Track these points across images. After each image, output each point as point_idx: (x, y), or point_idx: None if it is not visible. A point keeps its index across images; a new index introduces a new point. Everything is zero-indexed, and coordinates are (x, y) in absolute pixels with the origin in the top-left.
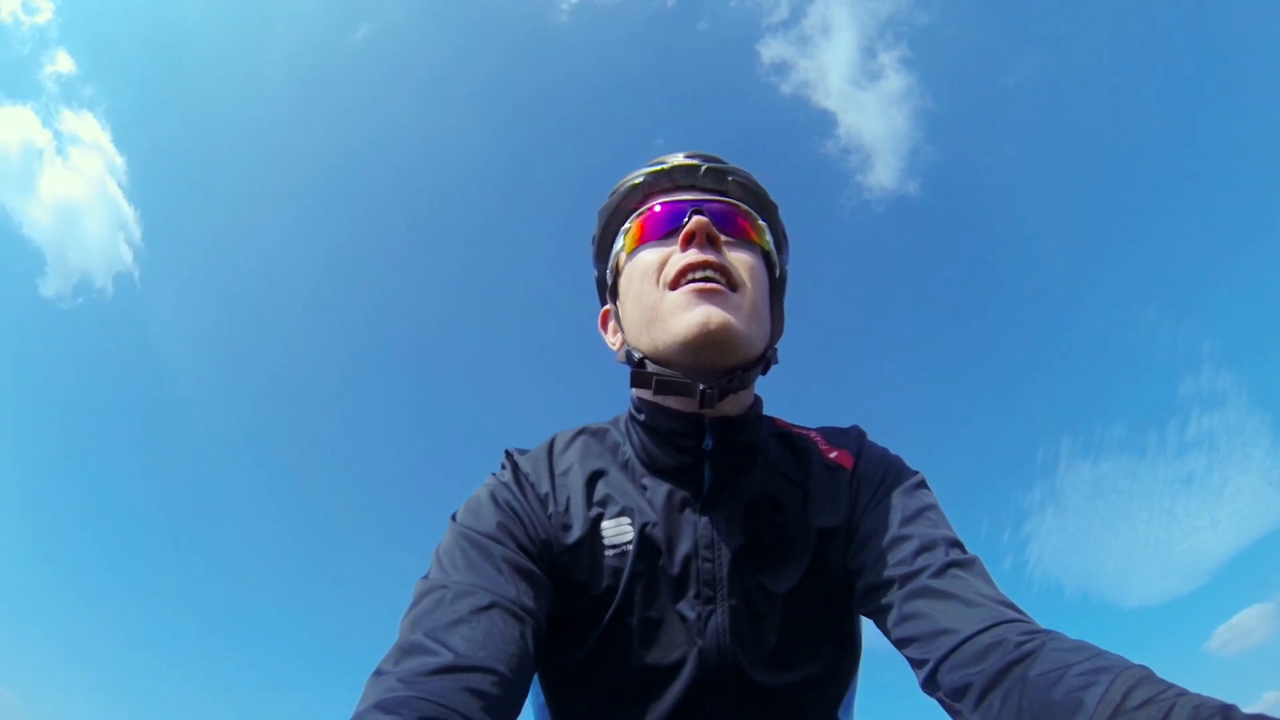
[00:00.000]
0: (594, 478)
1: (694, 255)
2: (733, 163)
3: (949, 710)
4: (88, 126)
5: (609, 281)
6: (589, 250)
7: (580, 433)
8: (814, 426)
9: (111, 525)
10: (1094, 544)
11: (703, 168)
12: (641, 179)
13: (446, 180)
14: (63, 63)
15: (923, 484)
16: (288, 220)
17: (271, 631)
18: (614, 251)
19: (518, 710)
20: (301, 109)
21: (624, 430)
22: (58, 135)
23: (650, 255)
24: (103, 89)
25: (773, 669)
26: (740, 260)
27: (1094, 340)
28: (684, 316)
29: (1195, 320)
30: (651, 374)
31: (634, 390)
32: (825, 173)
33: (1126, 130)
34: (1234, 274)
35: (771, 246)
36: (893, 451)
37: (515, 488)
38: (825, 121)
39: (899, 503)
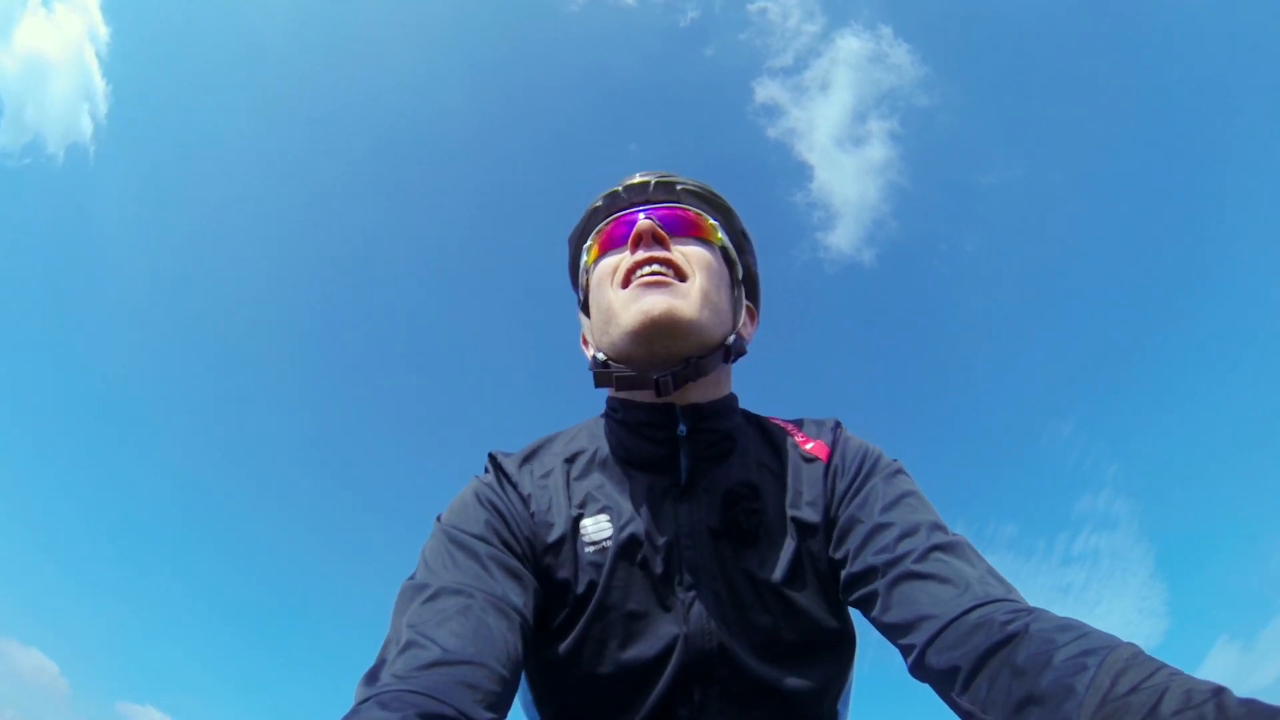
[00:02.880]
0: (575, 478)
1: (640, 254)
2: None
3: (939, 693)
4: None
5: (581, 299)
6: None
7: (561, 435)
8: (790, 419)
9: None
10: None
11: (652, 183)
12: (600, 203)
13: (428, 137)
14: None
15: (901, 471)
16: (262, 149)
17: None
18: (581, 266)
19: (509, 704)
20: (302, 34)
21: (602, 429)
22: None
23: (606, 263)
24: None
25: (762, 658)
26: (689, 253)
27: (1008, 439)
28: (631, 308)
29: (1106, 445)
30: (611, 372)
31: (599, 388)
32: (787, 221)
33: (1090, 254)
34: (1154, 415)
35: (727, 242)
36: (871, 442)
37: (499, 488)
38: (801, 173)
39: (878, 491)
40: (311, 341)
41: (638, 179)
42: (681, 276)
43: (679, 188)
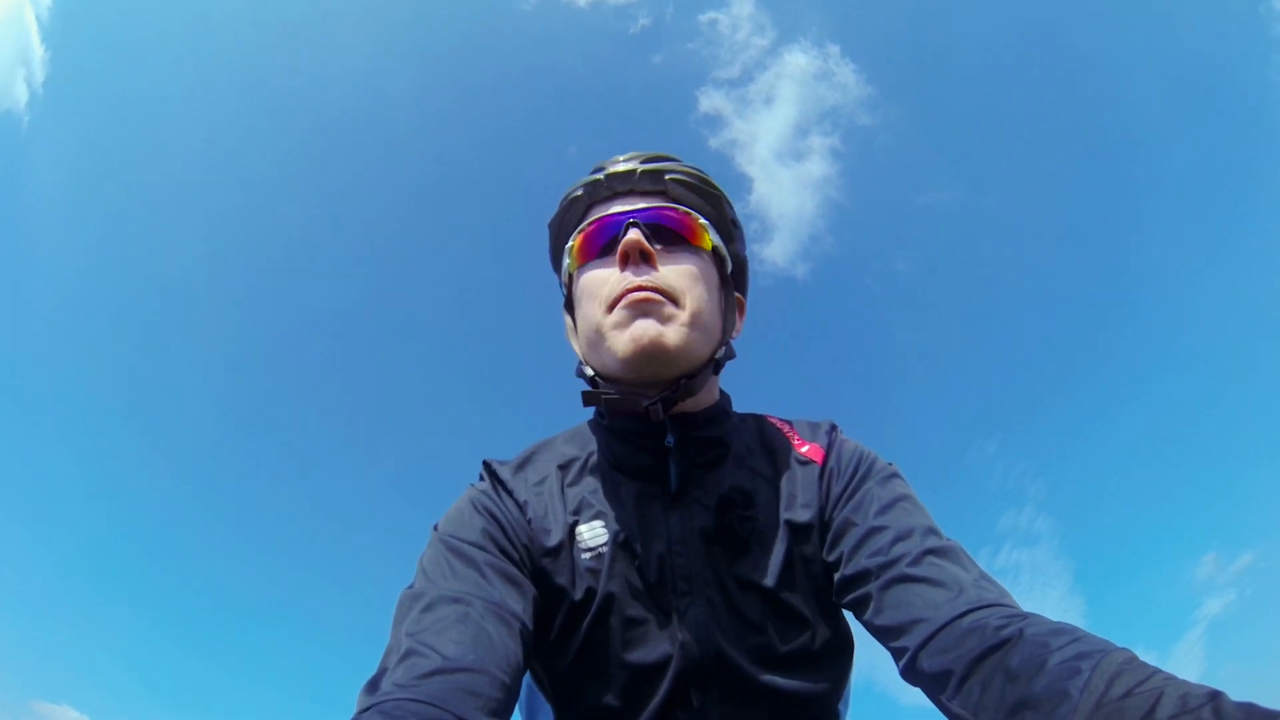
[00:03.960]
0: (568, 484)
1: (629, 279)
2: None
3: (930, 698)
4: None
5: (564, 294)
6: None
7: (554, 441)
8: (787, 418)
9: None
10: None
11: (638, 170)
12: (581, 191)
13: (369, 118)
14: None
15: (896, 475)
16: (206, 125)
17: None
18: (564, 267)
19: (510, 710)
20: (252, 11)
21: (594, 435)
22: None
23: (592, 276)
24: None
25: (759, 663)
26: (679, 271)
27: (934, 455)
28: (621, 336)
29: (1031, 464)
30: (600, 393)
31: (586, 407)
32: None
33: (1018, 279)
34: (1075, 436)
35: (717, 241)
36: (866, 446)
37: (495, 496)
38: (740, 185)
39: (873, 494)
40: (255, 325)
41: (621, 166)
42: (671, 298)
43: (666, 177)
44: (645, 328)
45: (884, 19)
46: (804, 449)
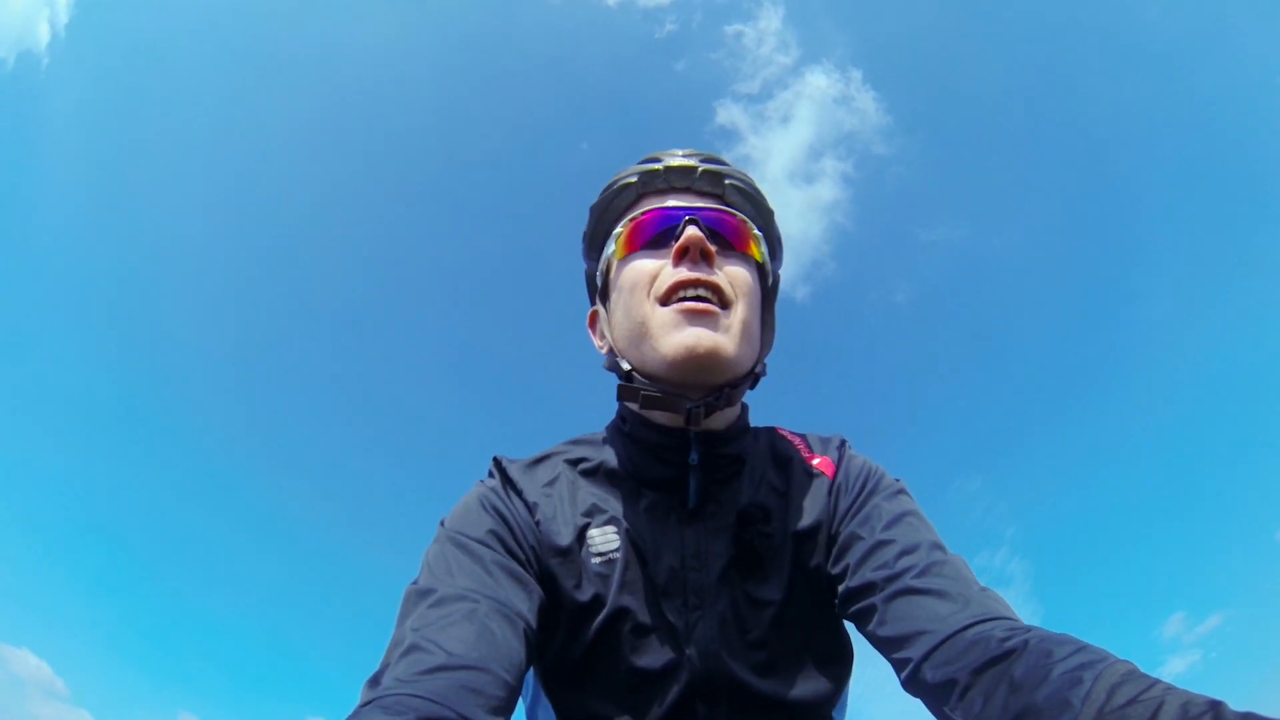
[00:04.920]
0: (581, 487)
1: (686, 273)
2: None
3: (932, 709)
4: None
5: (599, 283)
6: (530, 236)
7: (566, 445)
8: (800, 432)
9: None
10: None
11: (699, 169)
12: (635, 178)
13: (387, 99)
14: None
15: (903, 491)
16: (225, 85)
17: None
18: (605, 254)
19: (512, 710)
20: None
21: (612, 441)
22: None
23: (641, 266)
24: None
25: (764, 676)
26: (734, 276)
27: (916, 486)
28: (673, 336)
29: (1010, 506)
30: (638, 388)
31: (621, 401)
32: None
33: (1014, 323)
34: (1056, 484)
35: (766, 257)
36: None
37: (503, 494)
38: None
39: (880, 509)
40: (257, 288)
41: (680, 160)
42: (725, 303)
43: (726, 181)
44: (701, 335)
45: (910, 50)
46: (815, 461)
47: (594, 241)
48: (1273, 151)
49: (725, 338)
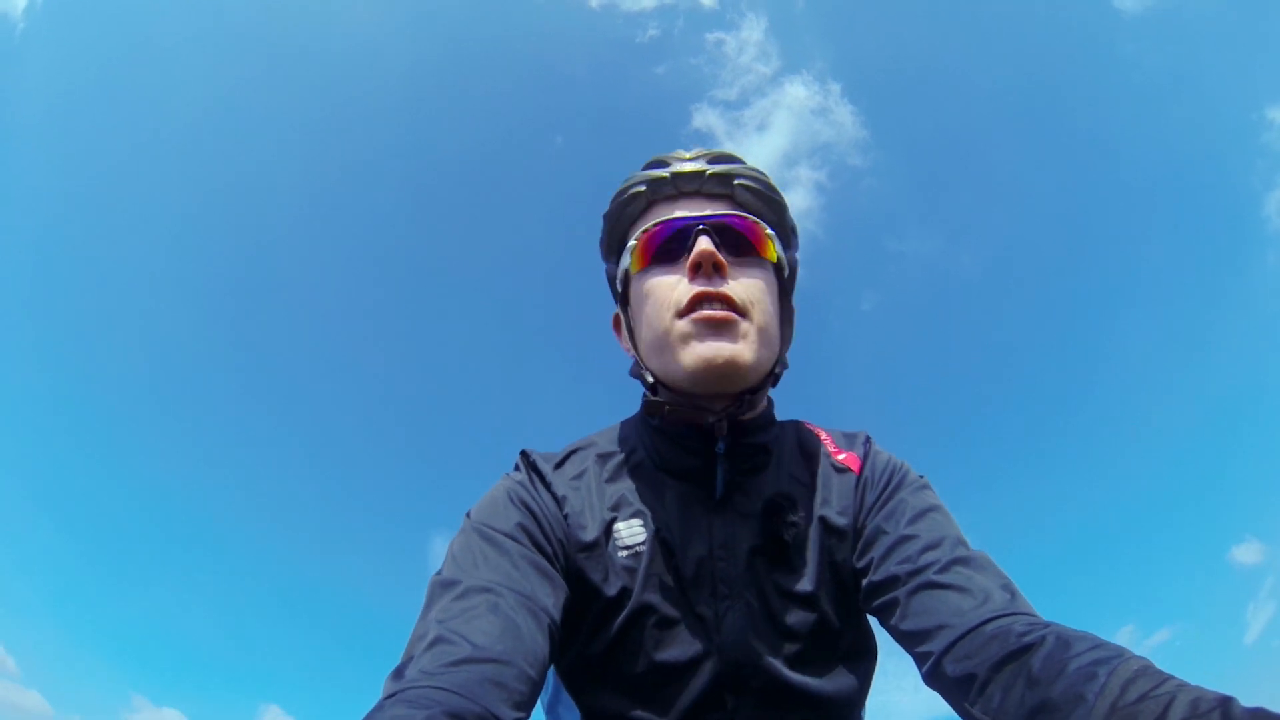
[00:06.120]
0: (608, 480)
1: (700, 287)
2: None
3: (951, 702)
4: None
5: (619, 290)
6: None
7: (592, 438)
8: (824, 427)
9: None
10: None
11: (707, 172)
12: (644, 186)
13: (362, 81)
14: None
15: (927, 486)
16: (210, 63)
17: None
18: (621, 265)
19: (534, 704)
20: None
21: (637, 433)
22: None
23: (658, 281)
24: None
25: (794, 667)
26: (748, 284)
27: None
28: (692, 349)
29: (963, 518)
30: (663, 403)
31: (646, 416)
32: None
33: (976, 339)
34: (1014, 495)
35: (780, 252)
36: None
37: (530, 487)
38: None
39: (905, 504)
40: (247, 248)
41: (689, 165)
42: (742, 312)
43: (735, 182)
44: (719, 348)
45: (890, 66)
46: (840, 456)
47: (610, 248)
48: (1244, 187)
49: (743, 345)
